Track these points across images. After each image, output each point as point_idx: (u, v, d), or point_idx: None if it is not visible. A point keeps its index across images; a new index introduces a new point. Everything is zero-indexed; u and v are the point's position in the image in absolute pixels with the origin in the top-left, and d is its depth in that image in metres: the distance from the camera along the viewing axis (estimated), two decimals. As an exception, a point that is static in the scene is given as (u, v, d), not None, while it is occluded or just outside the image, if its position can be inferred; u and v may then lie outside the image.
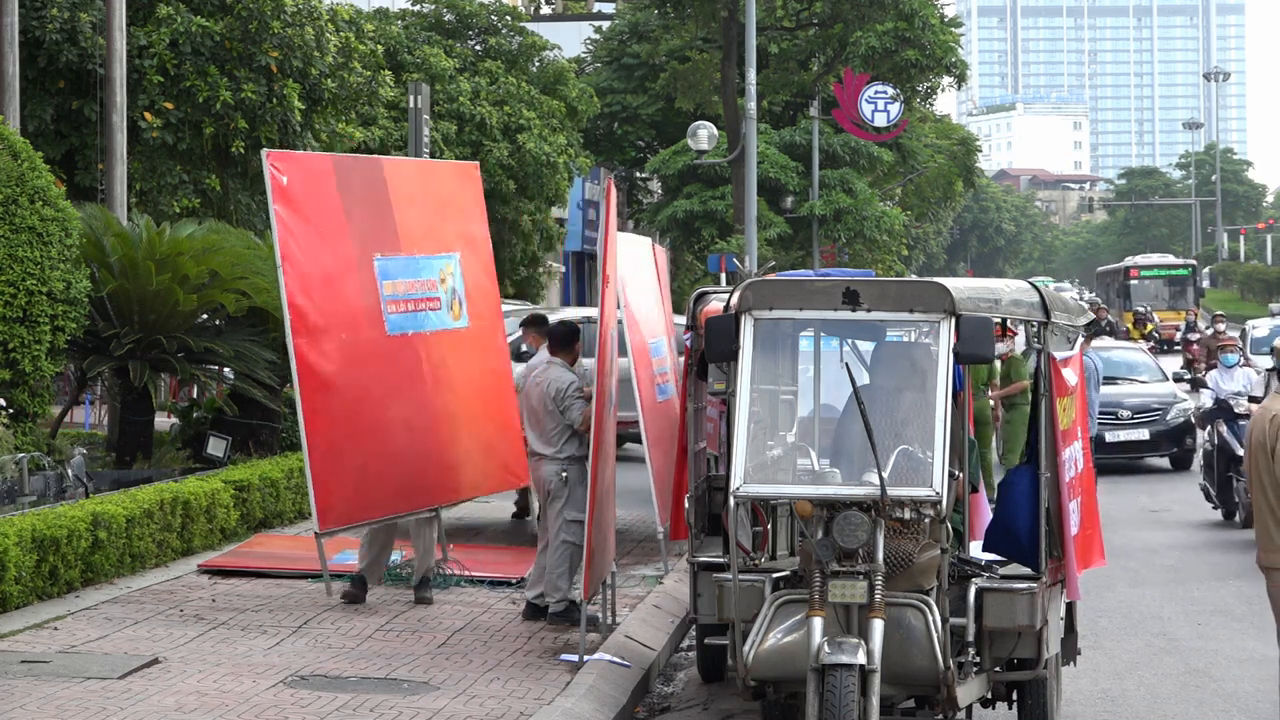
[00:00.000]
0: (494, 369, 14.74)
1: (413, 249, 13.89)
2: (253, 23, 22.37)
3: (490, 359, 14.70)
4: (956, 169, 67.04)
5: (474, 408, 14.21)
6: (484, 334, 14.66)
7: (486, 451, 14.34)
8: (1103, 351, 27.03)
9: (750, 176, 35.94)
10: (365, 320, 13.33)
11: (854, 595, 8.83)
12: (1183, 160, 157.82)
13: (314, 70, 22.74)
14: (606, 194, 12.12)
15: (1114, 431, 25.62)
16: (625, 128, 52.39)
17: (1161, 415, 25.96)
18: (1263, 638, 13.79)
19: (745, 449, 9.05)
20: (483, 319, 14.67)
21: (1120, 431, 25.76)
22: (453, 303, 14.19)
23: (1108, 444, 25.21)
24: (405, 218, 13.89)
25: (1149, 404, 26.13)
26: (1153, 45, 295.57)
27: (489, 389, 14.56)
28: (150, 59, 22.17)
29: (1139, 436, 25.91)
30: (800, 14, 46.39)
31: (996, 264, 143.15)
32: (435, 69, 37.28)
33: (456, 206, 14.75)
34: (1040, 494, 9.75)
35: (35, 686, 10.49)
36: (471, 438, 14.11)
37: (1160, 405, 26.09)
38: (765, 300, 9.34)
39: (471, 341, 14.41)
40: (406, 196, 14.00)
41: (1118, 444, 25.72)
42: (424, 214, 14.20)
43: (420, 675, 11.16)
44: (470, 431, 14.11)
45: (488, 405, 14.45)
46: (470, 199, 15.06)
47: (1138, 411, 25.97)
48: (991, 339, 9.30)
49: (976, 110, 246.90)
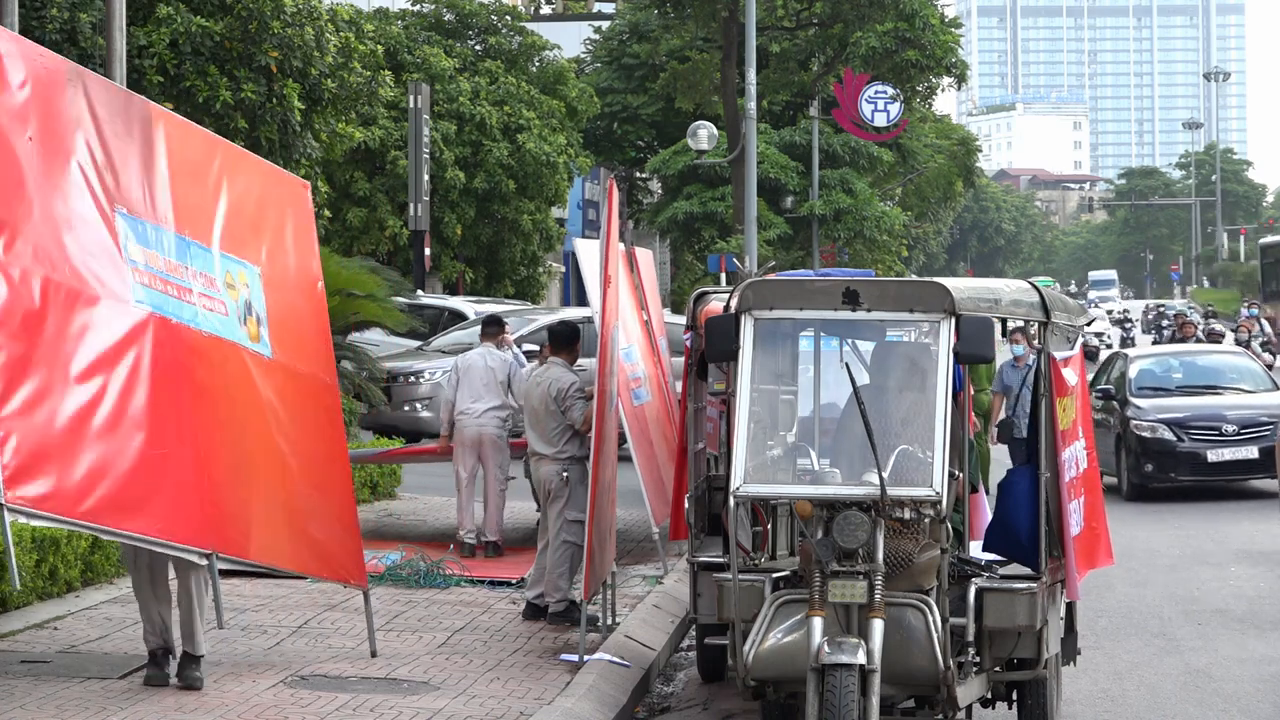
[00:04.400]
0: (324, 433, 11.73)
1: (184, 228, 10.71)
2: (253, 23, 22.39)
3: (318, 419, 11.70)
4: (956, 169, 67.07)
5: (282, 464, 11.19)
6: (303, 382, 11.64)
7: (291, 524, 11.20)
8: (1199, 357, 25.73)
9: (750, 176, 35.95)
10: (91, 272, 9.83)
11: (854, 595, 8.83)
12: (1183, 160, 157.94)
13: (314, 70, 22.75)
14: (608, 194, 12.12)
15: (1216, 450, 22.19)
16: (625, 128, 52.41)
17: (1273, 431, 21.50)
18: (1263, 638, 13.80)
19: (745, 449, 9.04)
20: (297, 362, 11.63)
21: (1224, 450, 22.19)
22: (248, 319, 11.14)
23: (1209, 464, 22.19)
24: (182, 189, 10.78)
25: (1257, 417, 22.33)
26: (1153, 45, 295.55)
27: (312, 453, 11.52)
28: (150, 59, 22.18)
29: (1246, 455, 22.10)
30: (800, 14, 46.40)
31: (996, 264, 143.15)
32: (435, 69, 37.33)
33: (271, 222, 11.83)
34: (1040, 494, 9.76)
35: (35, 686, 10.49)
36: (269, 499, 10.99)
37: (1271, 419, 22.06)
38: (765, 300, 9.34)
39: (285, 380, 11.39)
40: (188, 166, 10.97)
41: (1221, 464, 22.21)
42: (209, 199, 11.14)
43: (420, 675, 11.16)
44: (268, 490, 10.99)
45: (310, 470, 11.43)
46: (295, 220, 12.09)
47: (1244, 426, 22.26)
48: (992, 339, 9.31)
49: (976, 110, 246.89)
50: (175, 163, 10.74)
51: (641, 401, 14.16)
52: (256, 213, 11.67)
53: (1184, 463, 22.46)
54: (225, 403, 10.72)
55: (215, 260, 10.94)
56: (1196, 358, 25.74)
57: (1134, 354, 26.30)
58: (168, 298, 10.37)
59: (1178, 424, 22.52)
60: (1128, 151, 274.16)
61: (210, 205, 11.10)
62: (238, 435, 10.77)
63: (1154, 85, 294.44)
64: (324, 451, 11.67)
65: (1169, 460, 22.53)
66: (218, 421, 10.61)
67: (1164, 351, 28.48)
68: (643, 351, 14.69)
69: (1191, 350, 27.47)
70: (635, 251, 15.33)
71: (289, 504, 11.16)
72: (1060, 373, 9.96)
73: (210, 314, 10.72)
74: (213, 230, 11.00)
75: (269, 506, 10.97)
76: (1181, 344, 32.09)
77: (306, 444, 11.44)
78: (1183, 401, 23.26)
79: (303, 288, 12.02)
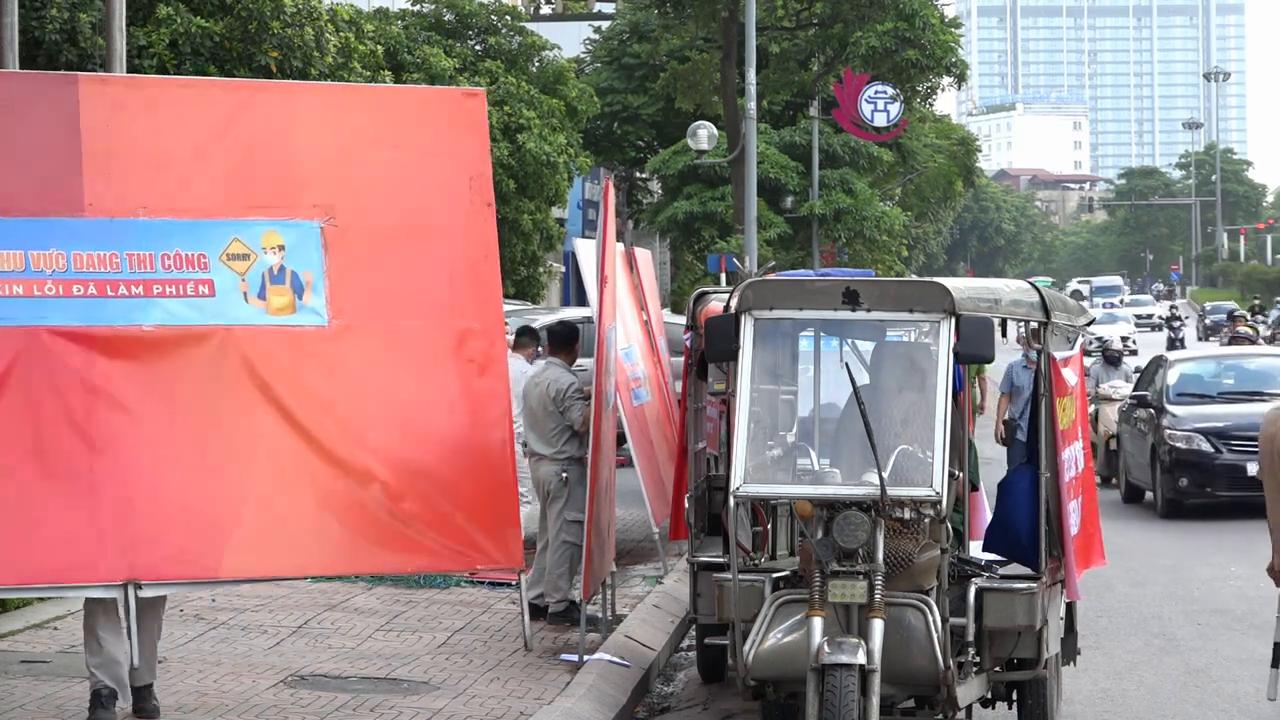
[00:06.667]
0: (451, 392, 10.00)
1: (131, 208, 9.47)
2: (253, 23, 22.38)
3: (442, 378, 10.00)
4: (956, 169, 67.04)
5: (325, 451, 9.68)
6: (407, 340, 9.96)
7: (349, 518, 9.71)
8: (1246, 360, 23.74)
9: (750, 176, 35.93)
10: None
11: (854, 595, 8.83)
12: (1183, 160, 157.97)
13: (314, 70, 22.74)
14: (605, 194, 12.12)
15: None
16: (625, 128, 52.38)
17: None
18: (1263, 638, 13.79)
19: (745, 449, 9.04)
20: (402, 318, 9.95)
21: None
22: (270, 289, 9.64)
23: (1250, 478, 18.90)
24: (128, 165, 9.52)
25: None
26: (1152, 45, 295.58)
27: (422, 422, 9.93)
28: (150, 59, 22.17)
29: None
30: (800, 14, 46.37)
31: (996, 264, 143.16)
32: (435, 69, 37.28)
33: (372, 159, 10.02)
34: (1040, 494, 9.76)
35: (35, 686, 10.49)
36: (279, 497, 9.61)
37: None
38: (765, 300, 9.34)
39: (360, 344, 9.81)
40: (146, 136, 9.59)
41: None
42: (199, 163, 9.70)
43: (420, 675, 11.16)
44: (280, 488, 9.61)
45: (415, 444, 9.90)
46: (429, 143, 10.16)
47: None
48: (992, 339, 9.31)
49: (976, 110, 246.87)
50: (114, 138, 9.45)
51: (641, 401, 14.16)
52: (334, 155, 9.91)
53: (1222, 476, 20.49)
54: (177, 401, 9.40)
55: (205, 232, 9.55)
56: (1244, 361, 23.77)
57: (1174, 357, 23.97)
58: (57, 300, 9.24)
59: (1217, 434, 20.71)
60: (1128, 151, 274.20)
61: (201, 169, 9.67)
62: (203, 434, 9.45)
63: (1154, 85, 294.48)
64: (448, 415, 9.95)
65: (1206, 474, 20.66)
66: (156, 427, 9.33)
67: (1207, 354, 26.61)
68: (643, 351, 14.69)
69: (1237, 354, 25.41)
70: (635, 251, 15.33)
71: (340, 495, 9.64)
72: (1060, 373, 9.96)
73: (172, 301, 9.44)
74: (209, 197, 9.63)
75: (279, 506, 9.57)
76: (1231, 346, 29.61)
77: (408, 412, 9.84)
78: (1223, 410, 21.39)
79: (429, 227, 10.06)
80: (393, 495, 9.78)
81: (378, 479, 9.76)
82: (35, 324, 9.21)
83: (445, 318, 10.01)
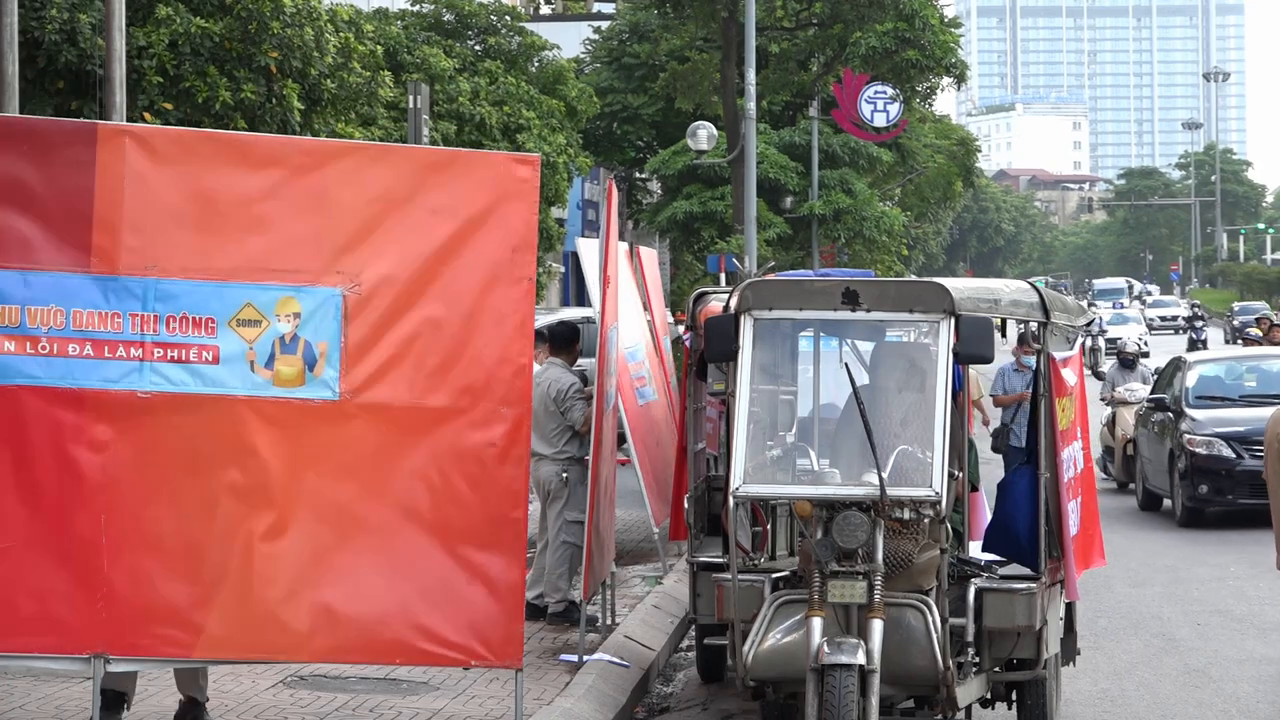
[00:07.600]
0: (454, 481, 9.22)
1: (143, 267, 9.00)
2: (252, 23, 22.37)
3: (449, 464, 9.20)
4: (956, 169, 67.01)
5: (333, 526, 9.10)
6: (418, 418, 9.18)
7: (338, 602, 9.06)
8: (1270, 362, 22.49)
9: (750, 177, 35.94)
10: None
11: (853, 595, 8.83)
12: (1182, 160, 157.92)
13: (313, 70, 22.74)
14: (608, 195, 12.11)
15: None
16: (625, 128, 52.38)
17: None
18: (1263, 638, 13.79)
19: (745, 449, 9.04)
20: (419, 397, 9.18)
21: None
22: (277, 358, 9.04)
23: None
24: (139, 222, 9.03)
25: None
26: (1152, 45, 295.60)
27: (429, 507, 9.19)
28: (149, 59, 22.17)
29: None
30: (800, 14, 46.37)
31: (996, 264, 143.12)
32: (435, 69, 37.28)
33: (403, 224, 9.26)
34: (1040, 494, 9.76)
35: (35, 686, 10.49)
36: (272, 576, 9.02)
37: None
38: (765, 300, 9.34)
39: (371, 423, 9.12)
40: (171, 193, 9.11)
41: None
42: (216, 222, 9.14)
43: (420, 675, 11.15)
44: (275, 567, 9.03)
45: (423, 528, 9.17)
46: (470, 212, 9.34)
47: None
48: (991, 339, 9.31)
49: (976, 110, 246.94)
50: (130, 191, 8.99)
51: (646, 400, 14.15)
52: (367, 219, 9.23)
53: (1243, 483, 19.29)
54: (166, 471, 8.94)
55: (216, 295, 9.04)
56: (1265, 363, 22.55)
57: (1193, 359, 22.95)
58: (49, 359, 8.86)
59: (1238, 439, 19.89)
60: (1127, 152, 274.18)
61: (218, 228, 9.15)
62: (188, 507, 8.95)
63: (1154, 85, 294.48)
64: (453, 504, 9.23)
65: (1226, 480, 19.79)
66: (139, 497, 8.90)
67: (1227, 356, 25.73)
68: (648, 351, 14.69)
69: (1258, 355, 24.12)
70: (640, 250, 15.32)
71: (329, 577, 9.06)
72: (1059, 373, 9.97)
73: (171, 366, 8.96)
74: (226, 258, 9.08)
75: (262, 587, 8.98)
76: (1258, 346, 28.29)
77: (411, 496, 9.17)
78: (1245, 413, 20.35)
79: (462, 300, 9.29)
80: (385, 584, 9.13)
81: (370, 566, 9.13)
82: (22, 384, 8.83)
83: (469, 399, 9.23)
